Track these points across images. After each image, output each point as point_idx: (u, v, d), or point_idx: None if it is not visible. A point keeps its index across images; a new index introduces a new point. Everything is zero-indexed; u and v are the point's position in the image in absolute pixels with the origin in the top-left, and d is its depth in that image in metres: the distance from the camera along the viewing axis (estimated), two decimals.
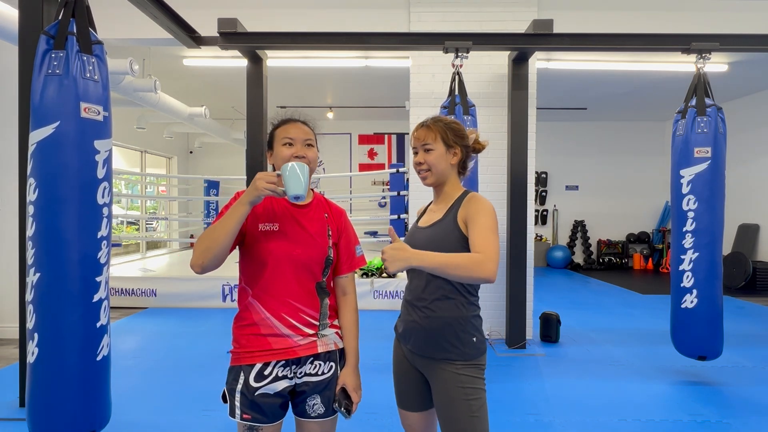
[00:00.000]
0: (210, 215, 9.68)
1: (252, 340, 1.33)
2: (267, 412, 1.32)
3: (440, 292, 1.40)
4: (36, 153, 1.90)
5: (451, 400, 1.35)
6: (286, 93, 7.48)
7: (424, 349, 1.41)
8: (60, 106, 1.89)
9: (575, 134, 9.79)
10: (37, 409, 1.87)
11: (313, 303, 1.36)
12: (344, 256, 1.45)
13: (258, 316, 1.33)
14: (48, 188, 1.88)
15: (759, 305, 5.97)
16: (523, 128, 3.89)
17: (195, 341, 4.15)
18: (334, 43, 3.61)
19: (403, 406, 1.52)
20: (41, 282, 1.87)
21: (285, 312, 1.33)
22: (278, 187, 1.23)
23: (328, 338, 1.39)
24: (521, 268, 3.94)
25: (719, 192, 3.07)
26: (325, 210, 1.44)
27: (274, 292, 1.33)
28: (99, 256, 1.98)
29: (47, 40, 1.92)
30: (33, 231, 1.89)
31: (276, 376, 1.32)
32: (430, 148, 1.46)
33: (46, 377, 1.86)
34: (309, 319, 1.35)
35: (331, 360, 1.39)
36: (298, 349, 1.33)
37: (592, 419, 2.68)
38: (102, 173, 1.99)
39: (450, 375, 1.37)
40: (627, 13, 4.33)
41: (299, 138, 1.36)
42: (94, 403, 1.94)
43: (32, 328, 1.88)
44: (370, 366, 3.44)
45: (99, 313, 1.98)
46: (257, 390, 1.31)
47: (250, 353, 1.32)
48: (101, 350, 1.98)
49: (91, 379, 1.93)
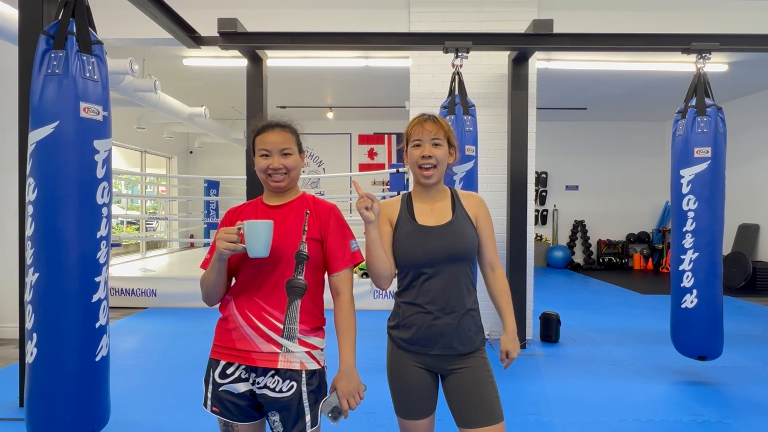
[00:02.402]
0: (210, 215, 9.69)
1: (222, 334, 1.35)
2: (232, 410, 1.32)
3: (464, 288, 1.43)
4: (35, 153, 1.90)
5: (481, 383, 1.40)
6: (286, 93, 7.48)
7: (458, 348, 1.41)
8: (59, 105, 1.88)
9: (575, 134, 9.79)
10: (35, 409, 1.86)
11: (280, 304, 1.31)
12: (335, 252, 1.36)
13: (228, 311, 1.36)
14: (47, 188, 1.88)
15: (759, 305, 5.97)
16: (523, 128, 3.89)
17: (195, 341, 4.15)
18: (334, 43, 3.61)
19: (414, 415, 1.45)
20: (40, 282, 1.86)
21: (249, 309, 1.32)
22: (239, 244, 1.22)
23: (293, 355, 1.29)
24: (521, 268, 3.93)
25: (719, 192, 3.07)
26: (308, 207, 1.39)
27: (246, 291, 1.34)
28: (98, 256, 1.98)
29: (47, 40, 1.92)
30: (32, 231, 1.88)
31: (238, 377, 1.32)
32: (439, 143, 1.43)
33: (45, 377, 1.85)
34: (273, 320, 1.30)
35: (293, 380, 1.29)
36: (257, 356, 1.29)
37: (592, 419, 2.68)
38: (101, 173, 1.99)
39: (477, 361, 1.43)
40: (627, 13, 4.33)
41: (275, 148, 1.34)
42: (92, 404, 1.94)
43: (31, 329, 1.88)
44: (369, 366, 3.44)
45: (98, 313, 1.97)
46: (221, 386, 1.33)
47: (218, 348, 1.35)
48: (100, 350, 1.97)
49: (89, 379, 1.93)
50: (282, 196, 1.41)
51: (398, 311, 1.47)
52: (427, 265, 1.40)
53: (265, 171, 1.36)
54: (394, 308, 1.50)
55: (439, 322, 1.39)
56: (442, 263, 1.40)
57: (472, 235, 1.45)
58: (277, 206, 1.40)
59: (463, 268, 1.43)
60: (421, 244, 1.41)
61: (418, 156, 1.43)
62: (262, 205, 1.42)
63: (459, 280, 1.41)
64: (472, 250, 1.44)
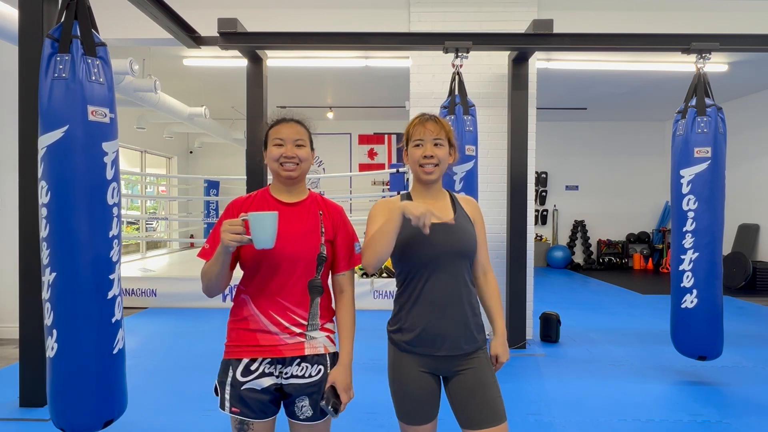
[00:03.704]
0: (210, 215, 9.69)
1: (241, 335, 1.35)
2: (254, 408, 1.33)
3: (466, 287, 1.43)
4: (46, 157, 1.94)
5: (485, 384, 1.39)
6: (286, 93, 7.48)
7: (464, 347, 1.40)
8: (68, 109, 1.92)
9: (575, 134, 9.79)
10: (58, 400, 1.95)
11: (303, 302, 1.36)
12: (342, 252, 1.43)
13: (248, 312, 1.35)
14: (60, 191, 1.93)
15: (759, 305, 5.97)
16: (523, 128, 3.89)
17: (195, 341, 4.15)
18: (334, 43, 3.61)
19: (418, 421, 1.42)
20: (57, 281, 1.94)
21: (273, 310, 1.34)
22: (244, 236, 1.21)
23: (317, 341, 1.37)
24: (521, 268, 3.94)
25: (719, 192, 3.07)
26: (320, 207, 1.43)
27: (265, 291, 1.35)
28: (111, 254, 2.04)
29: (52, 44, 1.94)
30: (47, 232, 1.95)
31: (262, 372, 1.34)
32: (440, 143, 1.44)
33: (67, 371, 1.94)
34: (297, 318, 1.35)
35: (320, 363, 1.37)
36: (284, 348, 1.33)
37: (592, 419, 2.68)
38: (111, 174, 2.04)
39: (481, 361, 1.43)
40: (627, 13, 4.33)
41: (290, 138, 1.37)
42: (112, 394, 2.04)
43: (50, 325, 1.96)
44: (369, 366, 3.45)
45: (114, 308, 2.05)
46: (243, 384, 1.33)
47: (238, 347, 1.35)
48: (117, 343, 2.07)
49: (108, 371, 2.02)
50: (292, 192, 1.42)
51: (400, 314, 1.45)
52: (433, 262, 1.40)
53: (277, 160, 1.37)
54: (395, 311, 1.48)
55: (445, 320, 1.39)
56: (447, 259, 1.40)
57: (473, 234, 1.46)
58: (292, 204, 1.40)
59: (466, 265, 1.44)
60: (426, 241, 1.39)
61: (419, 156, 1.43)
62: (271, 199, 1.41)
63: (463, 277, 1.42)
64: (474, 247, 1.46)
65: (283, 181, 1.41)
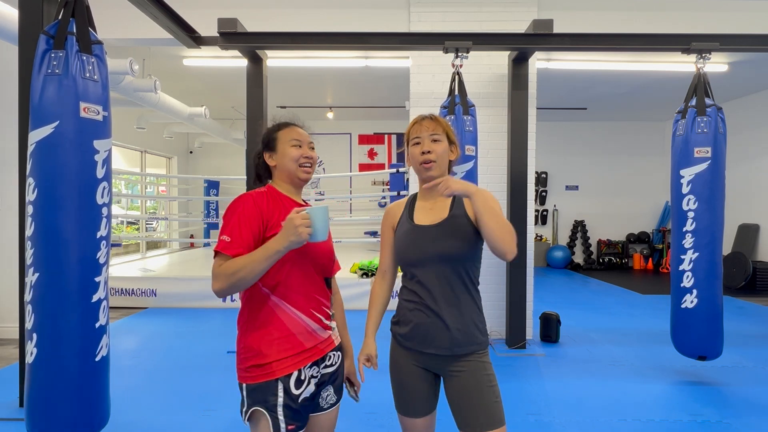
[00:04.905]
0: (210, 215, 9.68)
1: (284, 344, 1.28)
2: (305, 416, 1.33)
3: (461, 288, 1.41)
4: (35, 153, 1.90)
5: (479, 388, 1.38)
6: (286, 93, 7.49)
7: (452, 348, 1.38)
8: (59, 105, 1.88)
9: (575, 134, 9.79)
10: (35, 409, 1.86)
11: (327, 295, 1.42)
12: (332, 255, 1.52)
13: (286, 316, 1.30)
14: (47, 188, 1.88)
15: (759, 305, 5.97)
16: (523, 128, 3.89)
17: (195, 341, 4.15)
18: (334, 43, 3.61)
19: (411, 413, 1.46)
20: (40, 282, 1.86)
21: (312, 307, 1.35)
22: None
23: (335, 331, 1.46)
24: (521, 268, 3.93)
25: (719, 192, 3.07)
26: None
27: (300, 289, 1.32)
28: (98, 256, 1.98)
29: (47, 40, 1.92)
30: (32, 231, 1.88)
31: (310, 376, 1.33)
32: (437, 139, 1.44)
33: (45, 377, 1.85)
34: (326, 309, 1.40)
35: (339, 350, 1.46)
36: (322, 345, 1.37)
37: (592, 419, 2.68)
38: (101, 173, 1.99)
39: (476, 365, 1.40)
40: (627, 13, 4.33)
41: (306, 140, 1.41)
42: (92, 404, 1.94)
43: (31, 329, 1.88)
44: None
45: (98, 313, 1.97)
46: (299, 396, 1.29)
47: (283, 362, 1.27)
48: (100, 350, 1.97)
49: (89, 379, 1.92)
50: (299, 193, 1.45)
51: (399, 308, 1.50)
52: (420, 264, 1.42)
53: (297, 160, 1.37)
54: (398, 305, 1.52)
55: (431, 320, 1.40)
56: (433, 263, 1.40)
57: (466, 234, 1.41)
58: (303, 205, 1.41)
59: (456, 268, 1.40)
60: (414, 243, 1.43)
61: (418, 153, 1.45)
62: (287, 200, 1.37)
63: (452, 280, 1.40)
64: (463, 251, 1.40)
65: (296, 183, 1.40)
